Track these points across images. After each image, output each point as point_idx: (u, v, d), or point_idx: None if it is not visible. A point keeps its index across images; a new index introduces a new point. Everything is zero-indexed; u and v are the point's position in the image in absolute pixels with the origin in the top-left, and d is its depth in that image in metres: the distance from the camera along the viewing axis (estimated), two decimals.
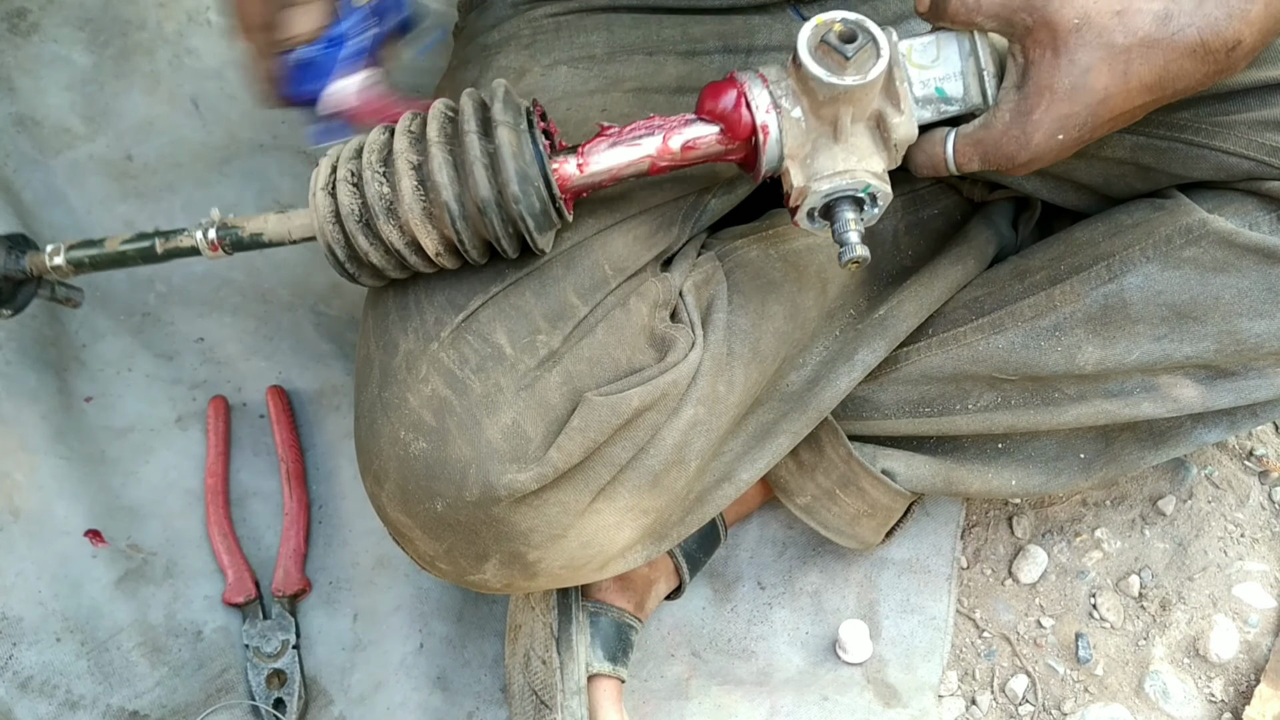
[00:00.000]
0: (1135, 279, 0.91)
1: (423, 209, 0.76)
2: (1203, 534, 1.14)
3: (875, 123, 0.76)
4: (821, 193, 0.75)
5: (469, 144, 0.75)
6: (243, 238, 0.83)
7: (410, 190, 0.75)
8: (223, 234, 0.83)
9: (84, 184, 1.29)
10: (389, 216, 0.76)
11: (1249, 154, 0.88)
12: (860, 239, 0.75)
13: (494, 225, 0.76)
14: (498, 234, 0.77)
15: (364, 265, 0.80)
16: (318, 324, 1.25)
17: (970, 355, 0.96)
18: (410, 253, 0.78)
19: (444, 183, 0.75)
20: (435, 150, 0.75)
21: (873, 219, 0.77)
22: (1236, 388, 0.93)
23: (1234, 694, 1.05)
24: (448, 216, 0.75)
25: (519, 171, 0.75)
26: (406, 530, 0.82)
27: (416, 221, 0.76)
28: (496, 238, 0.77)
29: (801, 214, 0.77)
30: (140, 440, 1.18)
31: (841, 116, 0.74)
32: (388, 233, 0.76)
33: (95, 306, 1.23)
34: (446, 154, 0.75)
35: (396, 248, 0.77)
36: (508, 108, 0.77)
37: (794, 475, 1.04)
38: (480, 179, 0.74)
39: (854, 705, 1.06)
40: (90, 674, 1.05)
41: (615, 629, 1.03)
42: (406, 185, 0.75)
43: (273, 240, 0.82)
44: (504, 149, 0.75)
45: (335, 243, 0.78)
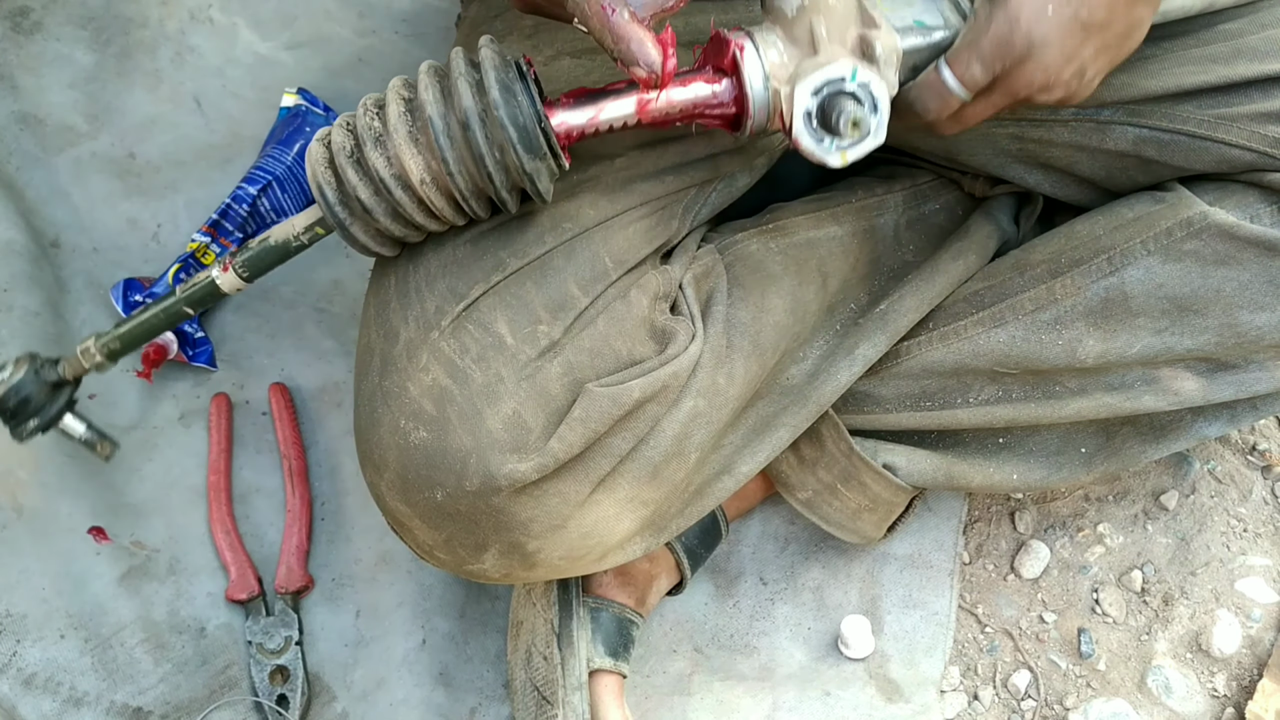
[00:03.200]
0: (1136, 272, 0.90)
1: (408, 132, 0.74)
2: (1205, 529, 1.13)
3: (858, 46, 0.74)
4: (809, 88, 0.72)
5: (454, 67, 0.74)
6: (252, 251, 0.82)
7: (396, 115, 0.74)
8: (233, 257, 0.83)
9: (87, 182, 1.30)
10: (377, 145, 0.75)
11: (1251, 146, 0.88)
12: (875, 117, 0.72)
13: (479, 143, 0.74)
14: (483, 153, 0.74)
15: (354, 208, 0.77)
16: (320, 321, 1.25)
17: (971, 349, 0.96)
18: (398, 186, 0.76)
19: (430, 100, 0.73)
20: (424, 79, 0.75)
21: (879, 125, 0.73)
22: (1237, 380, 0.93)
23: (1237, 689, 1.05)
24: (431, 132, 0.73)
25: (502, 83, 0.73)
26: (405, 519, 0.82)
27: (402, 143, 0.74)
28: (482, 159, 0.74)
29: (799, 125, 0.73)
30: (143, 437, 1.18)
31: (816, 28, 0.74)
32: (374, 160, 0.75)
33: (99, 305, 1.23)
34: (435, 81, 0.75)
35: (383, 178, 0.75)
36: (494, 51, 0.76)
37: (795, 470, 1.04)
38: (464, 92, 0.73)
39: (856, 700, 1.06)
40: (94, 671, 1.06)
41: (616, 624, 1.03)
42: (394, 111, 0.75)
43: (279, 241, 0.82)
44: (489, 72, 0.73)
45: (326, 184, 0.77)
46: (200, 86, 1.36)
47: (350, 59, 1.39)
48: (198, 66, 1.36)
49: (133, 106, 1.34)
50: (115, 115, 1.33)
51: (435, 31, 1.41)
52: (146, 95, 1.34)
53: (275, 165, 1.27)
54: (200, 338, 1.21)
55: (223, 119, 1.35)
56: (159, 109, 1.34)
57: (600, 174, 0.87)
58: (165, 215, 1.29)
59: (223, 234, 1.24)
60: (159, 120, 1.34)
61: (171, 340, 1.18)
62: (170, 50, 1.36)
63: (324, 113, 1.32)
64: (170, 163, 1.32)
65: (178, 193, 1.30)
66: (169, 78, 1.35)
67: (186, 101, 1.35)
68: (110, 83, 1.34)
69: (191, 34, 1.37)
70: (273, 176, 1.26)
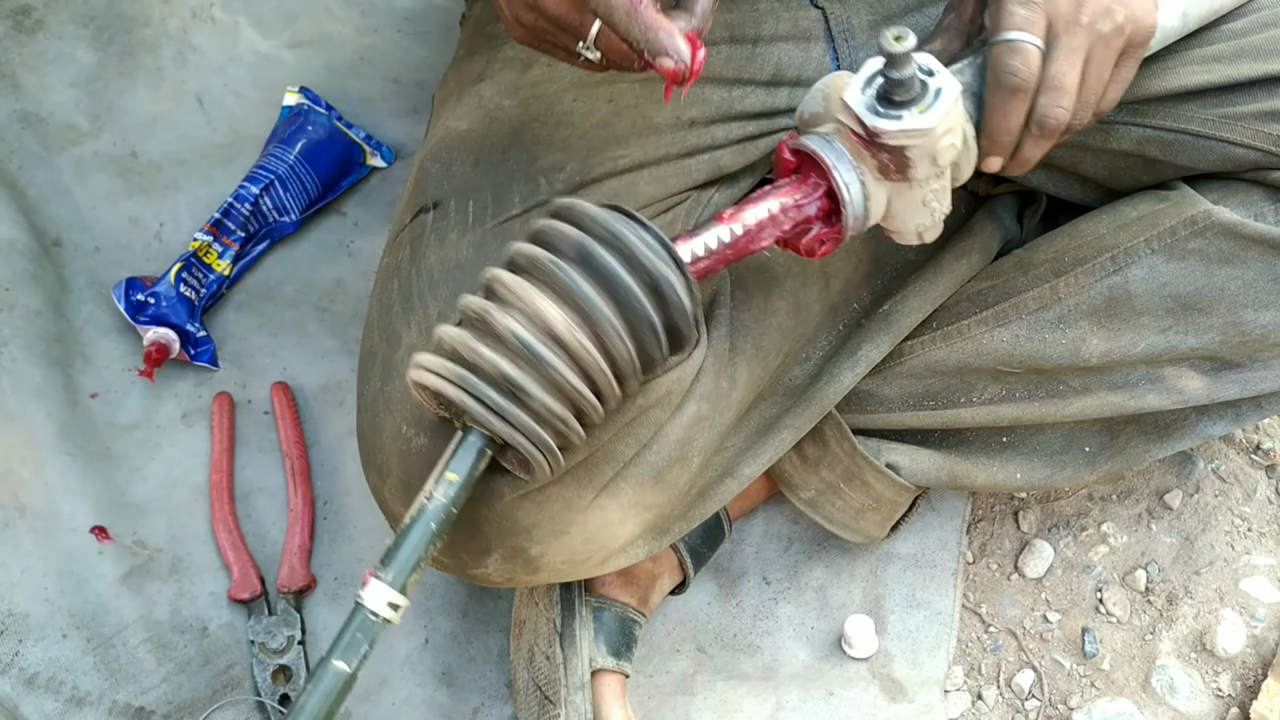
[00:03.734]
0: (1140, 271, 0.90)
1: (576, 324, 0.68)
2: (1209, 528, 1.13)
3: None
4: (858, 86, 0.72)
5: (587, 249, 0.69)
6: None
7: (552, 308, 0.68)
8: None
9: (89, 181, 1.30)
10: (544, 349, 0.68)
11: (1255, 145, 0.88)
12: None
13: (643, 310, 0.69)
14: (652, 319, 0.70)
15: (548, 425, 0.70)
16: (322, 320, 1.25)
17: (974, 348, 0.96)
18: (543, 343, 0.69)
19: (581, 287, 0.68)
20: (555, 263, 0.69)
21: (933, 63, 0.73)
22: (1241, 379, 0.93)
23: (1241, 688, 1.05)
24: (601, 318, 0.68)
25: (651, 253, 0.69)
26: None
27: (574, 337, 0.68)
28: (652, 324, 0.70)
29: (873, 120, 0.72)
30: (146, 436, 1.18)
31: (844, 95, 0.74)
32: (551, 363, 0.68)
33: (101, 303, 1.23)
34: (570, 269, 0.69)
35: (567, 379, 0.69)
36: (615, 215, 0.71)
37: (798, 470, 1.04)
38: (613, 267, 0.68)
39: (859, 700, 1.06)
40: (96, 670, 1.05)
41: (619, 624, 1.03)
42: (547, 306, 0.68)
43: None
44: (622, 237, 0.69)
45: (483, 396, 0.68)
46: (202, 85, 1.36)
47: (352, 58, 1.39)
48: (200, 65, 1.36)
49: (135, 105, 1.34)
50: (117, 114, 1.33)
51: (437, 30, 1.41)
52: (148, 94, 1.34)
53: (277, 164, 1.27)
54: (202, 336, 1.21)
55: (225, 118, 1.35)
56: (161, 108, 1.34)
57: (603, 177, 0.86)
58: (167, 214, 1.29)
59: (225, 233, 1.24)
60: (161, 119, 1.34)
61: (174, 339, 1.18)
62: (172, 49, 1.36)
63: (326, 111, 1.32)
64: (172, 161, 1.31)
65: (180, 191, 1.30)
66: (171, 76, 1.35)
67: (188, 100, 1.35)
68: (112, 81, 1.34)
69: (193, 33, 1.37)
70: (275, 175, 1.26)
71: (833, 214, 0.77)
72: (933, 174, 0.75)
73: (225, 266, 1.24)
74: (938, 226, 0.79)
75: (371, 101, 1.37)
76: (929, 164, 0.74)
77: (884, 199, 0.76)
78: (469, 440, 0.70)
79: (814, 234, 0.77)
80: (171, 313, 1.19)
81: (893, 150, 0.73)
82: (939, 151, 0.73)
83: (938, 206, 0.77)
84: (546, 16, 0.73)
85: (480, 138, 0.89)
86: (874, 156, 0.74)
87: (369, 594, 0.68)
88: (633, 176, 0.87)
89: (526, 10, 0.73)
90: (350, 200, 1.33)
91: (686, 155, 0.90)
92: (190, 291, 1.21)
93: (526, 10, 0.73)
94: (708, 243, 0.74)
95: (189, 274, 1.21)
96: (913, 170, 0.74)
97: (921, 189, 0.76)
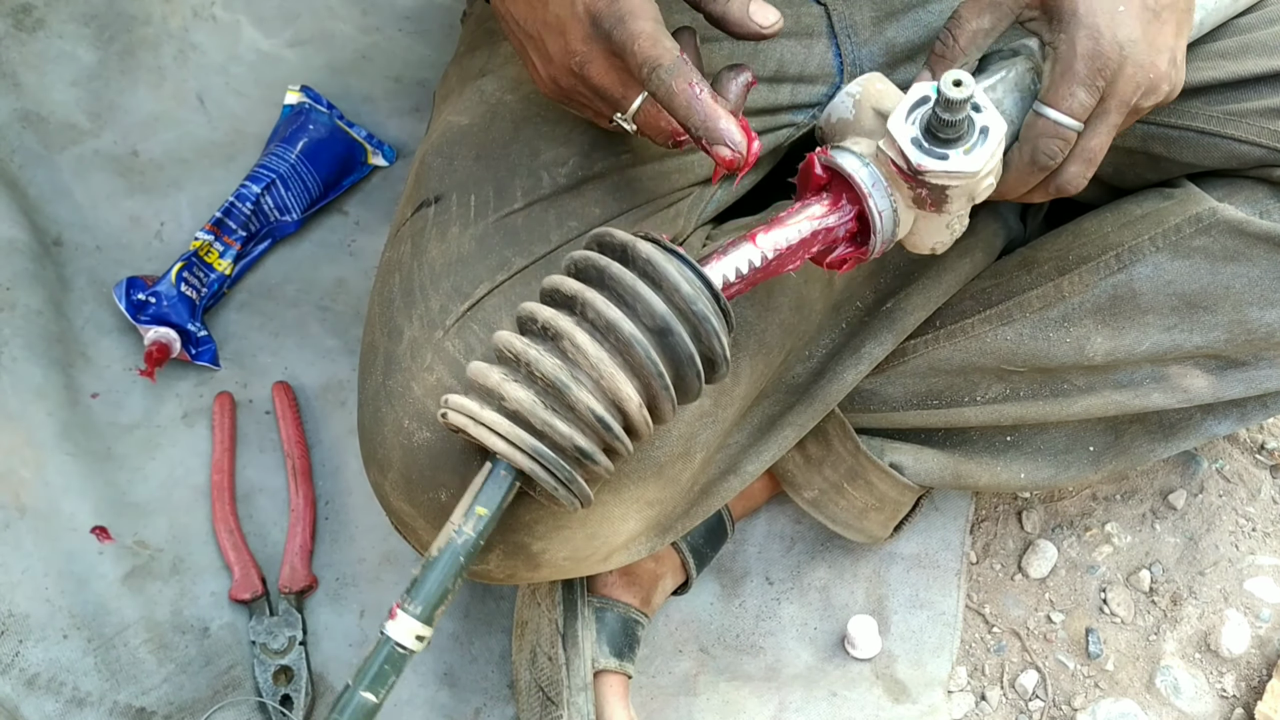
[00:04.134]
0: (1144, 269, 0.90)
1: (609, 352, 0.67)
2: (1214, 528, 1.13)
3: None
4: (901, 116, 0.71)
5: (619, 275, 0.67)
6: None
7: (587, 340, 0.67)
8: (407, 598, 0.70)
9: (89, 180, 1.29)
10: (574, 384, 0.67)
11: (1260, 141, 0.88)
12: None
13: (682, 344, 0.68)
14: (691, 353, 0.68)
15: (574, 460, 0.69)
16: (323, 320, 1.25)
17: (978, 347, 0.95)
18: (612, 416, 0.68)
19: (617, 318, 0.66)
20: (590, 294, 0.67)
21: (984, 101, 0.72)
22: (1247, 378, 0.93)
23: (1245, 689, 1.04)
24: (637, 349, 0.66)
25: (681, 277, 0.67)
26: (410, 519, 0.82)
27: (608, 371, 0.66)
28: (691, 358, 0.68)
29: (916, 155, 0.71)
30: (146, 436, 1.17)
31: (877, 104, 0.74)
32: (581, 400, 0.67)
33: (101, 303, 1.23)
34: (601, 293, 0.68)
35: (597, 414, 0.67)
36: (649, 243, 0.69)
37: (801, 469, 1.04)
38: (651, 298, 0.67)
39: (863, 701, 1.06)
40: (97, 671, 1.05)
41: (621, 624, 1.02)
42: (582, 339, 0.66)
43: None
44: (657, 264, 0.67)
45: (533, 451, 0.67)
46: (203, 84, 1.35)
47: (354, 56, 1.39)
48: (201, 64, 1.36)
49: (135, 104, 1.33)
50: (118, 113, 1.33)
51: (439, 29, 1.41)
52: (149, 93, 1.34)
53: (279, 163, 1.27)
54: (203, 336, 1.20)
55: (226, 116, 1.34)
56: (162, 106, 1.34)
57: (606, 171, 0.86)
58: (168, 213, 1.29)
59: (226, 232, 1.24)
60: (162, 118, 1.33)
61: (174, 339, 1.18)
62: (173, 48, 1.36)
63: (327, 110, 1.32)
64: (173, 160, 1.31)
65: (181, 191, 1.30)
66: (172, 75, 1.35)
67: (189, 99, 1.35)
68: (113, 80, 1.34)
69: (194, 31, 1.37)
70: (276, 175, 1.26)
71: (859, 234, 0.76)
72: (965, 207, 0.75)
73: (226, 266, 1.23)
74: (952, 242, 0.79)
75: (373, 100, 1.37)
76: (965, 200, 0.74)
77: (910, 221, 0.76)
78: (498, 474, 0.69)
79: (838, 253, 0.77)
80: (172, 312, 1.18)
81: (933, 188, 0.72)
82: (979, 192, 0.74)
83: (959, 228, 0.77)
84: (589, 85, 0.73)
85: (482, 132, 0.89)
86: (912, 190, 0.73)
87: (396, 627, 0.68)
88: (635, 171, 0.86)
89: (568, 76, 0.73)
90: (352, 199, 1.33)
91: (688, 151, 0.89)
92: (191, 291, 1.20)
93: (568, 76, 0.73)
94: (739, 266, 0.72)
95: (190, 273, 1.21)
96: (949, 205, 0.73)
97: (949, 216, 0.75)
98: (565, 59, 0.73)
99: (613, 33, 0.70)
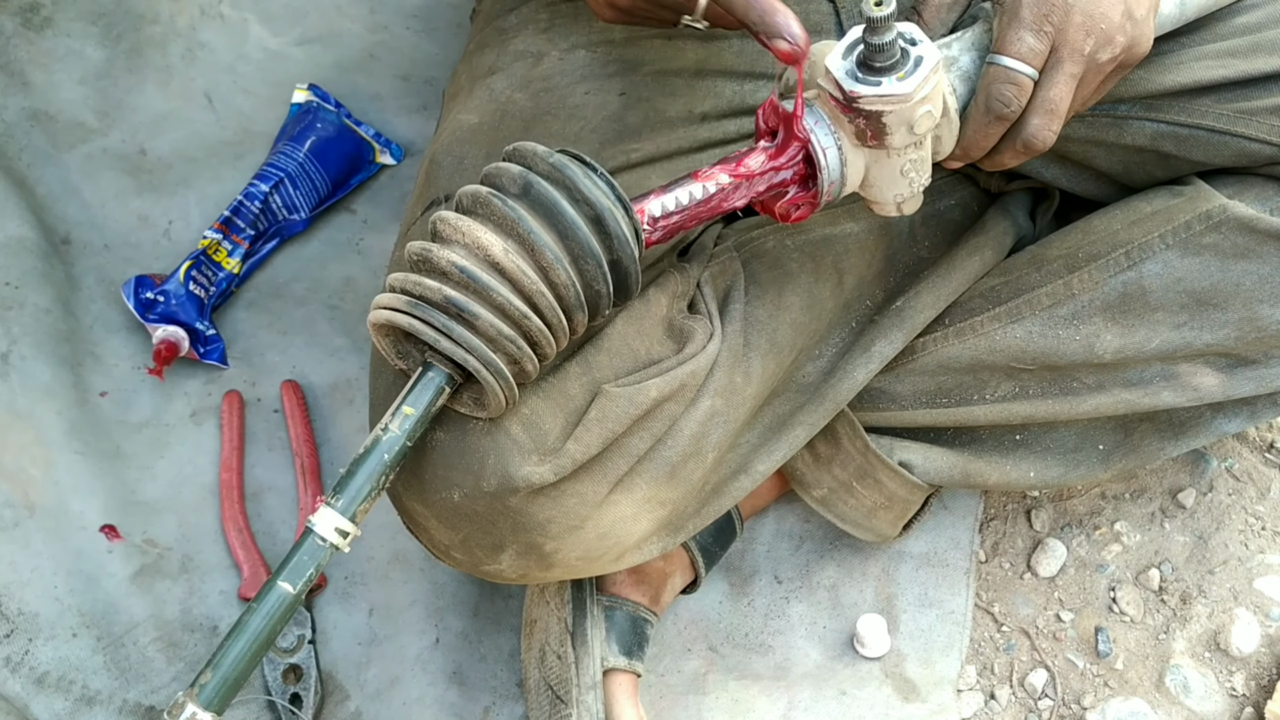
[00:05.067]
0: (1154, 266, 0.90)
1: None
2: (1223, 527, 1.13)
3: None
4: (839, 53, 0.73)
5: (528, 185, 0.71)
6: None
7: (491, 237, 0.71)
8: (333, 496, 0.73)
9: (98, 178, 1.29)
10: (484, 273, 0.70)
11: (1271, 140, 0.88)
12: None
13: (584, 238, 0.71)
14: (593, 248, 0.71)
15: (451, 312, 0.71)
16: (332, 318, 1.25)
17: (988, 345, 0.95)
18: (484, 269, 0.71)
19: (519, 216, 0.70)
20: (493, 197, 0.71)
21: (915, 31, 0.73)
22: (1257, 376, 0.93)
23: (1255, 688, 1.04)
24: (537, 239, 0.70)
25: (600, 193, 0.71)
26: (422, 519, 0.81)
27: (511, 263, 0.70)
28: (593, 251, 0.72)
29: (852, 85, 0.72)
30: (155, 435, 1.17)
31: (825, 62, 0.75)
32: (490, 284, 0.70)
33: (110, 302, 1.23)
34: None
35: (506, 298, 0.71)
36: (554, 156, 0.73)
37: (810, 468, 1.04)
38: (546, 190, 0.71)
39: (872, 700, 1.05)
40: (106, 669, 1.05)
41: (631, 623, 1.02)
42: (485, 235, 0.71)
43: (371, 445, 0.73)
44: (560, 167, 0.71)
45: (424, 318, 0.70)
46: (211, 82, 1.35)
47: (361, 54, 1.39)
48: (209, 62, 1.36)
49: (144, 103, 1.33)
50: (126, 111, 1.33)
51: (447, 27, 1.41)
52: (157, 91, 1.34)
53: (287, 162, 1.27)
54: (212, 335, 1.20)
55: (234, 115, 1.34)
56: (170, 105, 1.34)
57: (617, 170, 0.86)
58: (177, 212, 1.29)
59: (235, 231, 1.24)
60: (170, 116, 1.33)
61: (183, 337, 1.18)
62: (181, 46, 1.36)
63: (335, 109, 1.32)
64: (181, 159, 1.31)
65: (189, 189, 1.30)
66: (180, 74, 1.35)
67: (197, 98, 1.35)
68: (121, 79, 1.34)
69: (202, 30, 1.37)
70: (285, 173, 1.26)
71: (809, 178, 0.77)
72: (910, 143, 0.75)
73: (235, 264, 1.23)
74: (916, 199, 0.79)
75: (381, 98, 1.37)
76: (906, 132, 0.74)
77: (861, 166, 0.76)
78: (427, 376, 0.72)
79: (789, 197, 0.78)
80: (181, 311, 1.18)
81: (869, 115, 0.73)
82: (916, 120, 0.73)
83: (916, 177, 0.77)
84: (637, 18, 0.75)
85: (492, 131, 0.89)
86: (851, 122, 0.74)
87: (319, 520, 0.71)
88: (645, 170, 0.86)
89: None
90: (360, 198, 1.33)
91: (699, 149, 0.89)
92: (199, 289, 1.20)
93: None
94: (679, 198, 0.75)
95: (198, 272, 1.21)
96: (889, 138, 0.74)
97: (899, 158, 0.76)
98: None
99: None
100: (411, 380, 0.73)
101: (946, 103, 0.76)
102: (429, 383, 0.73)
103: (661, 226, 0.76)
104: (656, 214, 0.75)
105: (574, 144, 0.87)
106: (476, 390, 0.74)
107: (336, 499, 0.71)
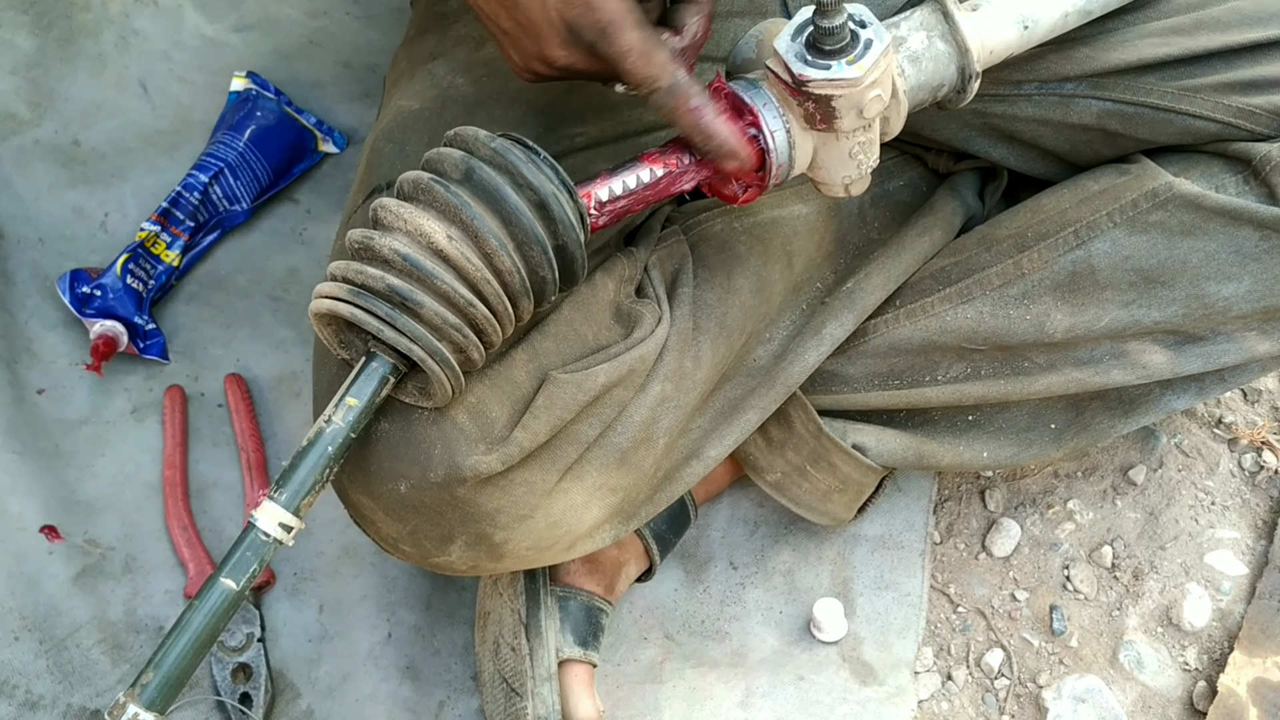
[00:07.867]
0: (1102, 245, 0.90)
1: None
2: (1174, 503, 1.14)
3: None
4: (787, 36, 0.72)
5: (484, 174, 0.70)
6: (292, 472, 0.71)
7: (432, 223, 0.69)
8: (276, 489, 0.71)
9: (31, 170, 1.27)
10: (426, 260, 0.69)
11: (1215, 116, 0.88)
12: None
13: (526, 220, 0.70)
14: (538, 233, 0.71)
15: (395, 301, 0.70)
16: (276, 310, 1.23)
17: (939, 326, 0.95)
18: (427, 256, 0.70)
19: (461, 202, 0.69)
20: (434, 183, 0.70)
21: (865, 14, 0.73)
22: (1205, 352, 0.93)
23: (1208, 662, 1.05)
24: (479, 224, 0.69)
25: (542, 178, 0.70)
26: (369, 512, 0.80)
27: (456, 249, 0.69)
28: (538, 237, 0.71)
29: (801, 69, 0.71)
30: (95, 433, 1.15)
31: (775, 44, 0.74)
32: (433, 269, 0.69)
33: (45, 296, 1.20)
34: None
35: (450, 285, 0.69)
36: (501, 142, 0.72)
37: (763, 452, 1.03)
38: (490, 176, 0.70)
39: (830, 684, 1.05)
40: (49, 673, 1.03)
41: (585, 613, 1.02)
42: (426, 221, 0.69)
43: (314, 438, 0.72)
44: (501, 152, 0.70)
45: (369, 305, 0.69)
46: (146, 71, 1.33)
47: (301, 41, 1.37)
48: (143, 50, 1.33)
49: (76, 92, 1.31)
50: (59, 102, 1.30)
51: (387, 13, 1.39)
52: (91, 80, 1.31)
53: (227, 151, 1.25)
54: (151, 329, 1.18)
55: (170, 104, 1.32)
56: (104, 94, 1.31)
57: (560, 155, 0.85)
58: (113, 204, 1.27)
59: (173, 223, 1.22)
60: (104, 106, 1.31)
61: (121, 332, 1.16)
62: (114, 34, 1.33)
63: (275, 96, 1.30)
64: (117, 150, 1.29)
65: (125, 181, 1.28)
66: (113, 62, 1.32)
67: (132, 86, 1.32)
68: (53, 68, 1.31)
69: (136, 17, 1.34)
70: (224, 163, 1.24)
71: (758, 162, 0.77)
72: (859, 126, 0.75)
73: (174, 257, 1.21)
74: (864, 180, 0.79)
75: (322, 86, 1.35)
76: (855, 115, 0.74)
77: (810, 148, 0.76)
78: (371, 366, 0.71)
79: (737, 180, 0.77)
80: (119, 305, 1.16)
81: (819, 99, 0.72)
82: (866, 104, 0.73)
83: (864, 159, 0.77)
84: (573, 74, 0.74)
85: (434, 116, 0.88)
86: (800, 105, 0.73)
87: (262, 514, 0.69)
88: (590, 154, 0.86)
89: (547, 70, 0.74)
90: (302, 187, 1.31)
91: (644, 132, 0.89)
92: (138, 283, 1.18)
93: (547, 70, 0.74)
94: (626, 182, 0.75)
95: (136, 265, 1.19)
96: (839, 121, 0.73)
97: (848, 141, 0.75)
98: (543, 61, 0.73)
99: (597, 45, 0.71)
100: (354, 371, 0.72)
101: (895, 85, 0.75)
102: (372, 373, 0.71)
103: (608, 211, 0.75)
104: (604, 198, 0.74)
105: (517, 129, 0.85)
106: (421, 379, 0.73)
107: (279, 493, 0.70)
